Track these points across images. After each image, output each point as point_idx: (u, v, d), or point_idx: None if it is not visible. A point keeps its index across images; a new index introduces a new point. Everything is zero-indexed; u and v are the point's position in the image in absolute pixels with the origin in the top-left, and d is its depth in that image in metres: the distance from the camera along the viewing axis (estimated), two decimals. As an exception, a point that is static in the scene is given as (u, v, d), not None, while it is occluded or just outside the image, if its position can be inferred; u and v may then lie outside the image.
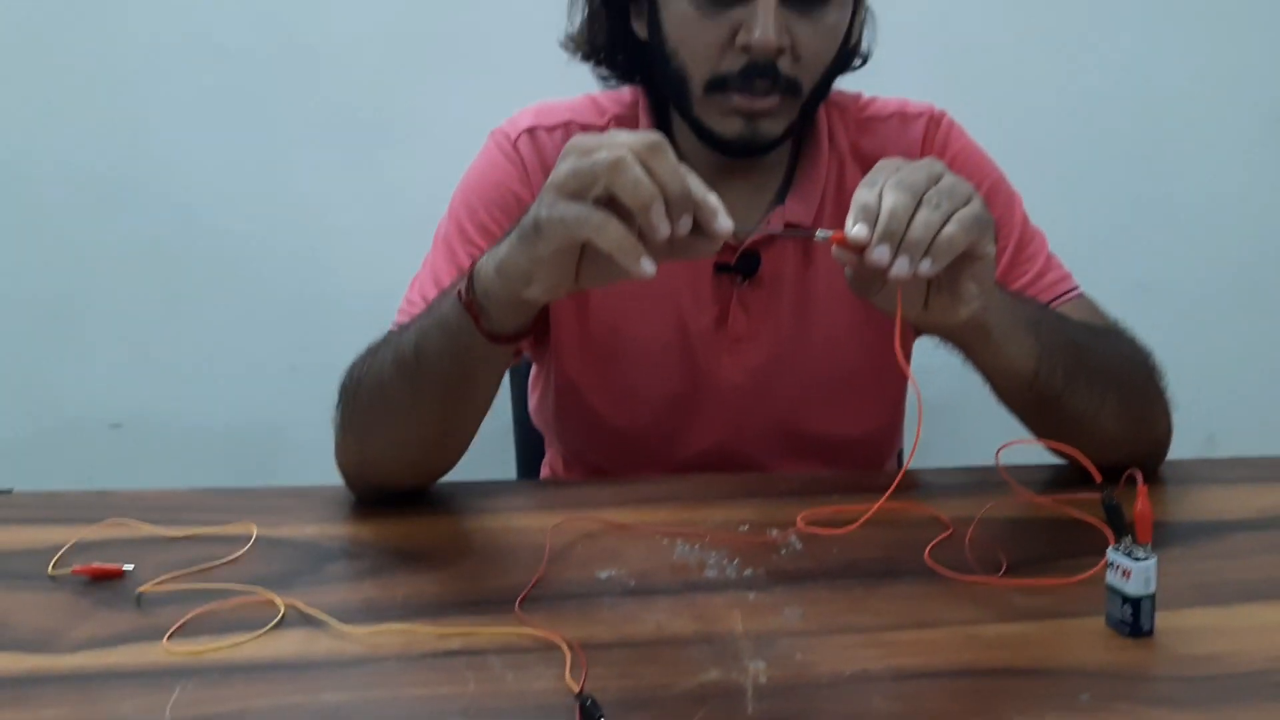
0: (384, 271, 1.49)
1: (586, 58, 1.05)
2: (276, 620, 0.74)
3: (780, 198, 1.01)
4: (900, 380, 1.09)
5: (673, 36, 0.93)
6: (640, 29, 0.98)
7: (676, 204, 0.68)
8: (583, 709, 0.62)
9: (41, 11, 1.67)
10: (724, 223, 0.70)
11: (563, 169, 0.70)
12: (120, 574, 0.81)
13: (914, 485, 0.95)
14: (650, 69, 0.99)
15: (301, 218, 1.74)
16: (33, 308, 1.75)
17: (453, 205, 1.03)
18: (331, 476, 0.95)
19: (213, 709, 0.65)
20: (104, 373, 1.77)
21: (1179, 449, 0.98)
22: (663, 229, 0.68)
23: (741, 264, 0.99)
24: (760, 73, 0.90)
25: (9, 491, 0.98)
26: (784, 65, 0.91)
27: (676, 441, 1.04)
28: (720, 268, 1.00)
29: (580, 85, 1.09)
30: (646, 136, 0.68)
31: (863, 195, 0.72)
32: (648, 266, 0.68)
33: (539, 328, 1.04)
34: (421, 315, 0.88)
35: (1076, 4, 1.70)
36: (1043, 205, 1.10)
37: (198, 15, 1.68)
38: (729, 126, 0.93)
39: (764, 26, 0.88)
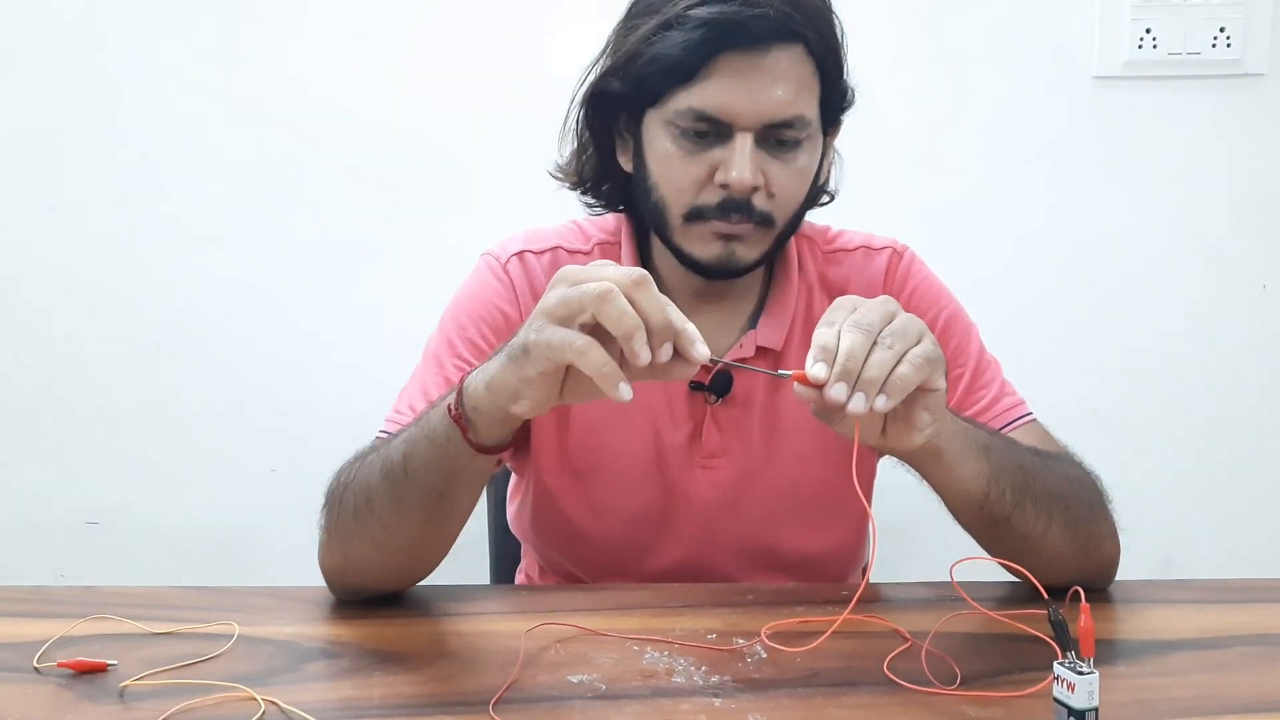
0: (365, 381, 1.55)
1: (574, 187, 1.12)
2: (257, 718, 0.76)
3: (753, 322, 1.07)
4: (863, 509, 1.14)
5: (655, 171, 1.00)
6: (625, 162, 1.05)
7: (658, 333, 0.74)
8: (553, 808, 0.65)
9: (37, 116, 1.73)
10: (701, 350, 0.76)
11: (552, 297, 0.76)
12: (104, 669, 0.83)
13: (875, 599, 0.99)
14: (633, 198, 1.06)
15: (286, 326, 1.78)
16: (12, 403, 1.78)
17: (443, 321, 1.09)
18: (309, 577, 0.98)
19: (193, 803, 0.67)
20: (82, 470, 1.78)
21: (1136, 570, 1.03)
22: (644, 356, 0.74)
23: (715, 384, 1.05)
24: (736, 208, 0.97)
25: (-8, 585, 1.00)
26: (758, 201, 0.98)
27: (649, 553, 1.08)
28: (695, 386, 1.05)
29: (566, 211, 1.16)
30: (632, 271, 0.75)
31: (822, 335, 0.78)
32: (625, 391, 0.74)
33: (520, 439, 1.09)
34: (410, 426, 0.93)
35: (1037, 150, 1.80)
36: (999, 335, 1.17)
37: (193, 126, 1.75)
38: (708, 250, 1.00)
39: (740, 168, 0.95)
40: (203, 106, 1.74)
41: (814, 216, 1.13)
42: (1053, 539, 0.94)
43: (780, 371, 0.81)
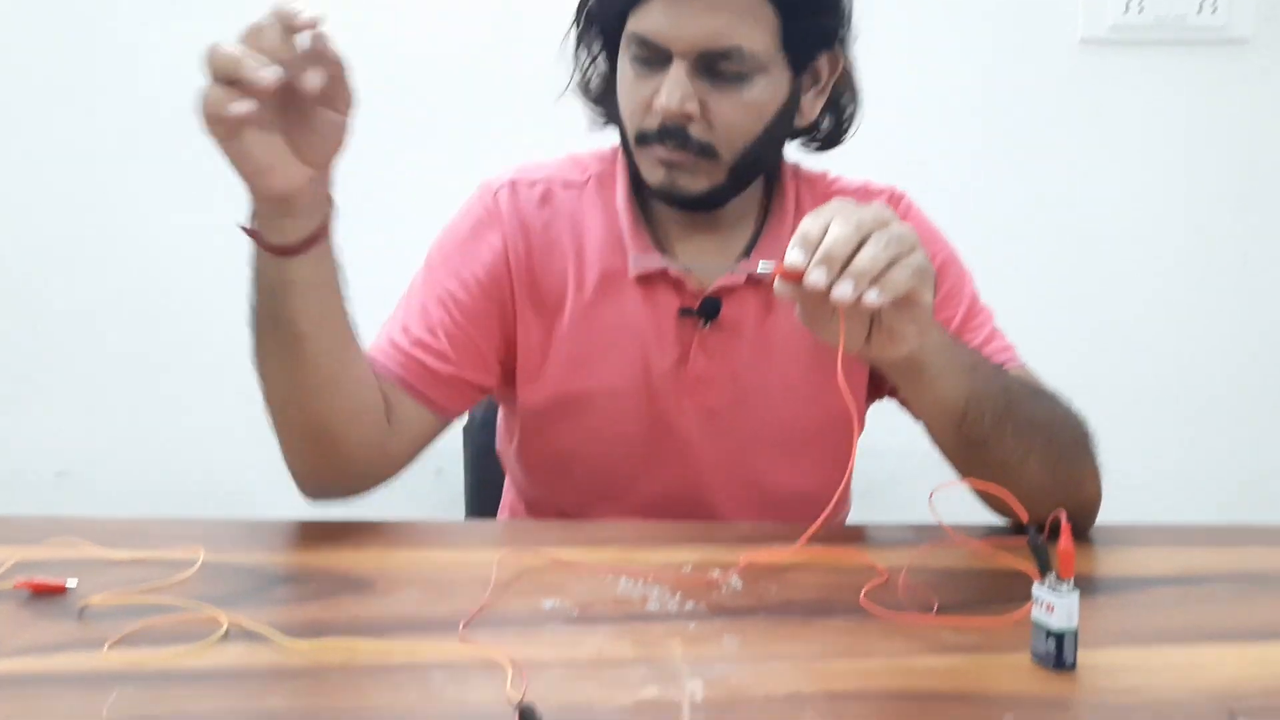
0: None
1: (583, 95, 1.11)
2: (219, 635, 0.74)
3: (748, 252, 1.06)
4: (849, 443, 1.13)
5: (619, 93, 1.02)
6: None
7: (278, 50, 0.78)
8: (522, 715, 0.64)
9: (15, 67, 1.71)
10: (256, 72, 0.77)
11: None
12: (63, 589, 0.81)
13: (856, 538, 0.98)
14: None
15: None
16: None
17: (431, 249, 1.10)
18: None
19: (150, 711, 0.65)
20: (51, 420, 1.76)
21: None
22: (263, 76, 0.77)
23: (704, 308, 1.03)
24: (670, 134, 0.98)
25: (-48, 515, 0.97)
26: (695, 131, 0.97)
27: (635, 482, 1.07)
28: (684, 311, 1.04)
29: (559, 151, 1.15)
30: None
31: (806, 225, 0.77)
32: (239, 107, 0.77)
33: (506, 368, 1.08)
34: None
35: (1021, 114, 1.80)
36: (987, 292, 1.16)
37: (175, 81, 1.72)
38: (653, 175, 1.01)
39: (668, 94, 0.96)
40: (183, 62, 1.71)
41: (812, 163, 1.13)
42: (1031, 470, 0.92)
43: (760, 263, 0.79)
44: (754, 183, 1.06)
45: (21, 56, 1.71)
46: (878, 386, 1.13)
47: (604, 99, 1.09)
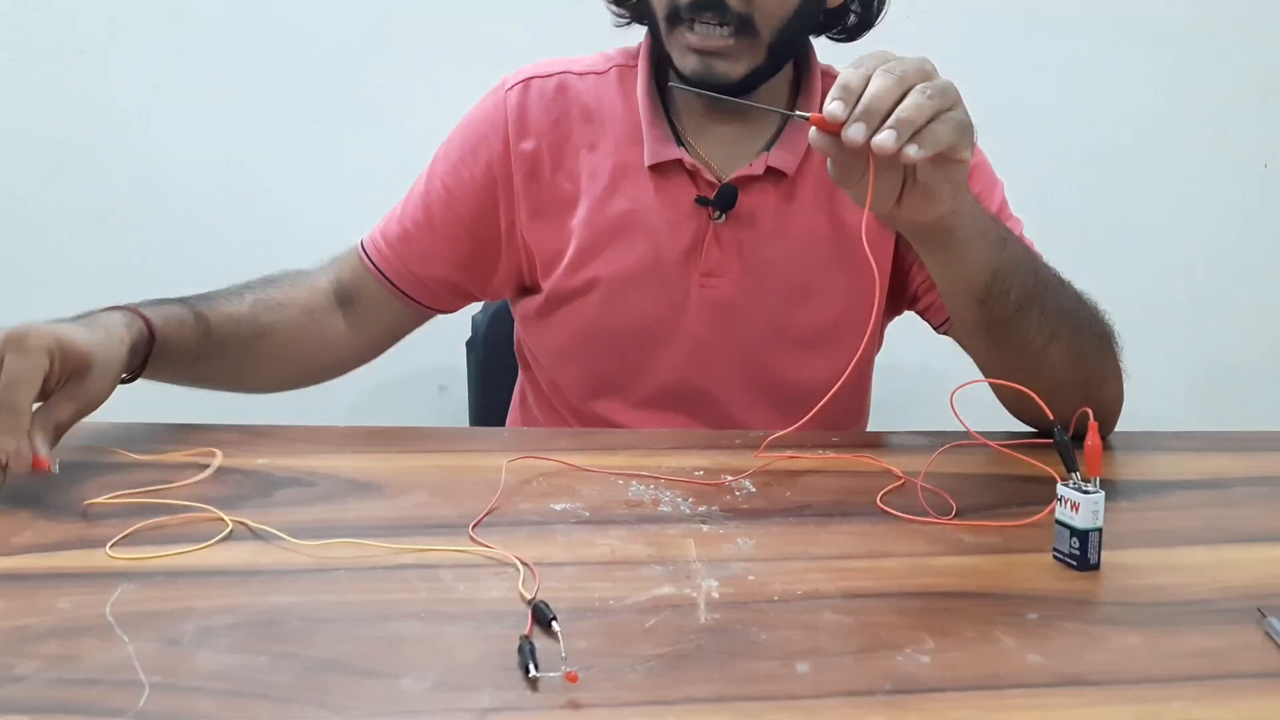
0: (341, 250, 1.49)
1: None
2: (224, 534, 0.73)
3: (768, 146, 1.02)
4: (869, 341, 1.10)
5: None
6: None
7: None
8: (535, 611, 0.62)
9: (29, 52, 1.66)
10: (41, 453, 0.78)
11: None
12: (46, 466, 0.78)
13: (869, 442, 0.96)
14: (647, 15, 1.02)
15: (260, 193, 1.72)
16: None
17: (444, 143, 1.09)
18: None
19: (155, 607, 0.63)
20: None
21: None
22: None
23: (720, 198, 1.00)
24: (707, 5, 0.93)
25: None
26: (733, 2, 0.93)
27: (643, 372, 1.05)
28: (699, 201, 1.01)
29: (549, 57, 1.11)
30: None
31: (847, 75, 0.72)
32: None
33: (518, 280, 1.09)
34: None
35: (1035, 11, 1.75)
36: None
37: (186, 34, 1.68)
38: (686, 63, 0.96)
39: None
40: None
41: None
42: (1053, 359, 0.90)
43: (796, 113, 0.76)
44: (781, 73, 1.02)
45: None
46: (896, 302, 1.10)
47: None
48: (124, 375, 0.90)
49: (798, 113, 0.76)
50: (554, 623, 0.61)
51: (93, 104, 1.69)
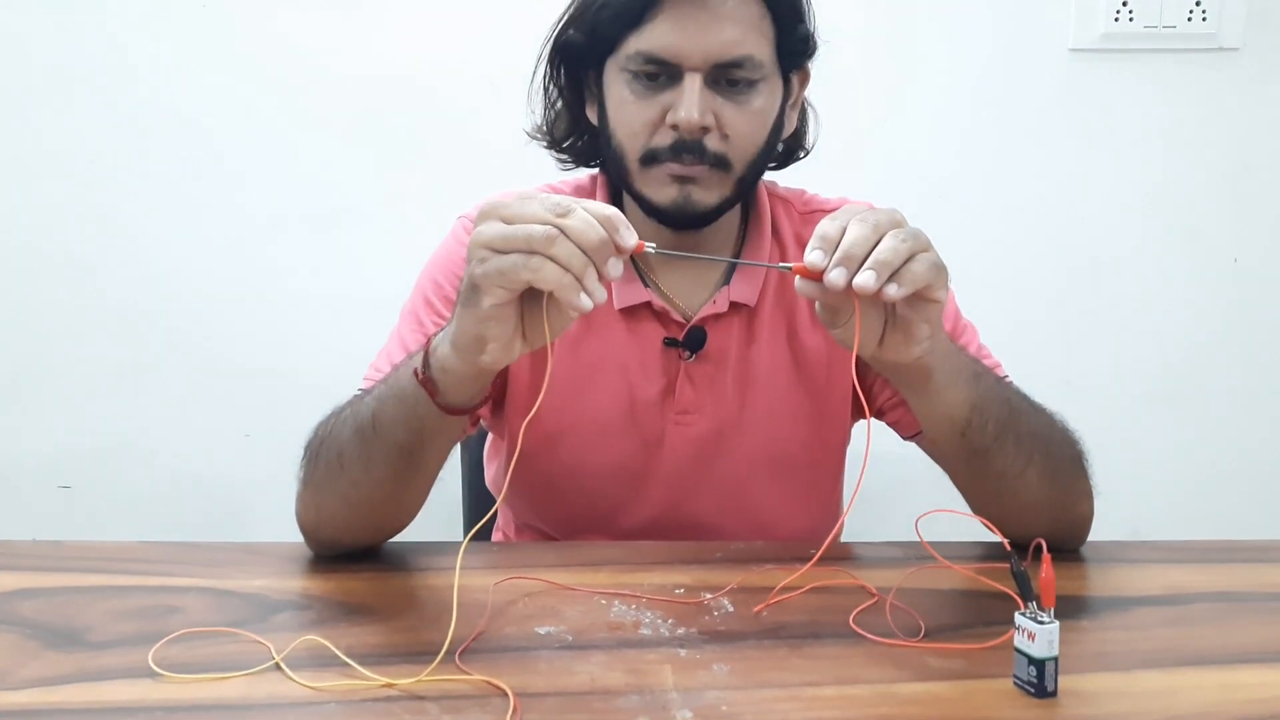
0: (341, 344, 1.54)
1: (549, 145, 1.12)
2: (223, 663, 0.76)
3: (727, 279, 1.07)
4: (837, 469, 1.14)
5: (613, 118, 1.01)
6: (593, 116, 1.06)
7: (600, 251, 0.75)
8: (516, 749, 0.65)
9: (15, 79, 1.72)
10: (628, 236, 0.76)
11: (491, 231, 0.76)
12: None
13: (845, 556, 1.00)
14: (603, 153, 1.06)
15: (261, 289, 1.78)
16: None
17: (418, 282, 1.09)
18: (285, 539, 0.98)
19: (156, 745, 0.67)
20: (55, 433, 1.77)
21: (1105, 538, 1.04)
22: (599, 294, 0.75)
23: (689, 340, 1.05)
24: (687, 149, 0.98)
25: (-42, 540, 0.99)
26: (711, 143, 0.98)
27: (624, 510, 1.08)
28: (669, 343, 1.05)
29: (542, 174, 1.16)
30: (558, 203, 0.75)
31: (824, 226, 0.78)
32: (586, 301, 0.75)
33: (496, 401, 1.09)
34: (380, 385, 0.93)
35: (1012, 123, 1.81)
36: (971, 305, 1.17)
37: (170, 91, 1.73)
38: (664, 194, 1.00)
39: (689, 107, 0.96)
40: (180, 67, 1.73)
41: (788, 181, 1.14)
42: (1029, 482, 0.94)
43: (781, 265, 0.82)
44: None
45: (19, 62, 1.72)
46: (860, 408, 1.14)
47: (570, 140, 1.10)
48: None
49: (781, 264, 0.82)
50: (534, 761, 0.64)
51: (98, 209, 1.75)
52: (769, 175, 1.11)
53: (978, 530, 1.00)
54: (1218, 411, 1.87)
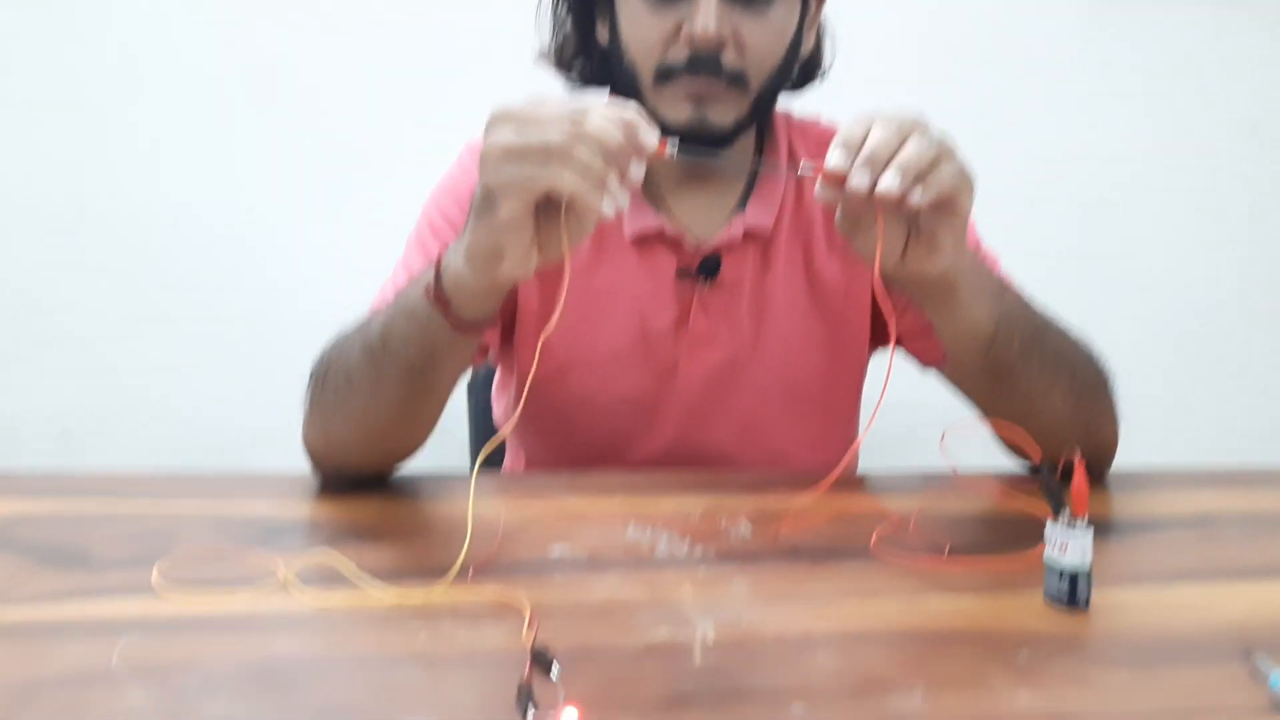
0: (346, 287, 1.51)
1: (558, 68, 1.09)
2: (230, 582, 0.74)
3: (742, 205, 1.04)
4: (853, 400, 1.12)
5: (625, 33, 0.98)
6: (603, 34, 1.02)
7: (621, 155, 0.71)
8: (534, 656, 0.63)
9: (13, 21, 1.69)
10: (649, 135, 0.72)
11: (504, 137, 0.72)
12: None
13: (862, 483, 0.98)
14: (613, 76, 1.03)
15: (263, 232, 1.76)
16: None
17: (424, 210, 1.06)
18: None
19: (160, 657, 0.64)
20: (55, 378, 1.75)
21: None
22: (621, 199, 0.71)
23: (703, 268, 1.02)
24: (704, 65, 0.94)
25: (-44, 470, 0.97)
26: (727, 58, 0.95)
27: (636, 442, 1.06)
28: (682, 272, 1.02)
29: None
30: (575, 105, 0.71)
31: (846, 129, 0.75)
32: (608, 205, 0.71)
33: (505, 329, 1.06)
34: (389, 306, 0.90)
35: (1032, 64, 1.78)
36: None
37: (171, 33, 1.71)
38: (679, 113, 0.97)
39: (704, 19, 0.92)
40: (178, 12, 1.69)
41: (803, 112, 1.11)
42: (1054, 402, 0.91)
43: (801, 163, 0.78)
44: (749, 129, 1.04)
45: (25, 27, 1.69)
46: (877, 338, 1.11)
47: (580, 62, 1.07)
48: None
49: (802, 163, 0.78)
50: (553, 667, 0.62)
51: (100, 149, 1.72)
52: (784, 102, 1.08)
53: (1002, 461, 0.98)
54: (1234, 355, 1.85)
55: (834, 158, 0.74)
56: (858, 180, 0.73)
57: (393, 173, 1.69)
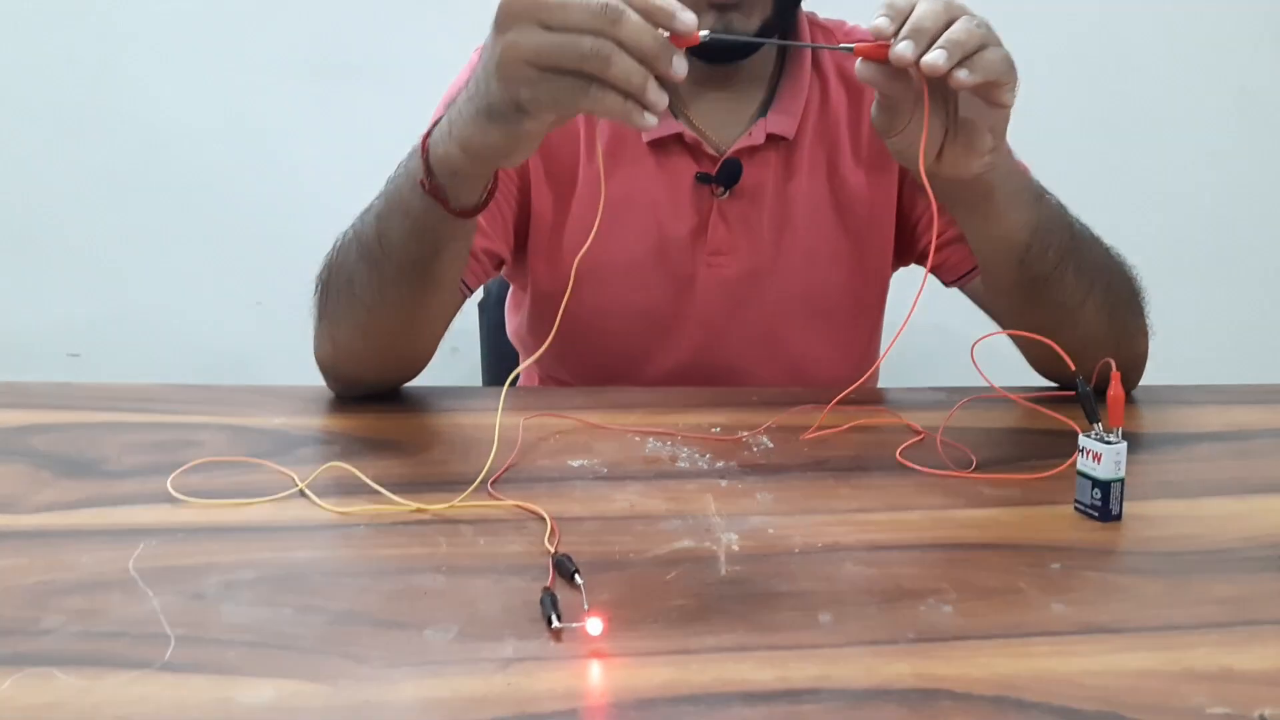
0: (351, 210, 1.48)
1: None
2: (247, 491, 0.73)
3: (764, 110, 1.01)
4: (876, 315, 1.10)
5: None
6: None
7: (658, 57, 0.66)
8: (556, 564, 0.62)
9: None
10: (686, 18, 0.66)
11: (531, 41, 0.66)
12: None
13: (887, 399, 0.96)
14: None
15: (269, 154, 1.73)
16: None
17: (436, 112, 1.02)
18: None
19: (177, 562, 0.64)
20: (63, 302, 1.74)
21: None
22: (661, 102, 0.66)
23: (723, 174, 0.99)
24: None
25: (-33, 383, 0.96)
26: None
27: (653, 356, 1.04)
28: (701, 178, 0.99)
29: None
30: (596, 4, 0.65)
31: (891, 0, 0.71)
32: (650, 120, 0.66)
33: (517, 246, 1.04)
34: (378, 201, 0.86)
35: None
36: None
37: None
38: (702, 23, 0.93)
39: None
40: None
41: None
42: (1088, 315, 0.89)
43: (841, 45, 0.74)
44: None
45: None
46: (900, 258, 1.09)
47: None
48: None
49: (842, 45, 0.74)
50: (576, 575, 0.61)
51: (102, 69, 1.69)
52: (807, 5, 1.05)
53: (1028, 377, 0.96)
54: (1267, 277, 1.82)
55: (879, 22, 0.70)
56: (902, 49, 0.69)
57: (400, 84, 1.66)
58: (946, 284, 1.07)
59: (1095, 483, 0.70)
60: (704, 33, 0.68)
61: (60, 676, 0.52)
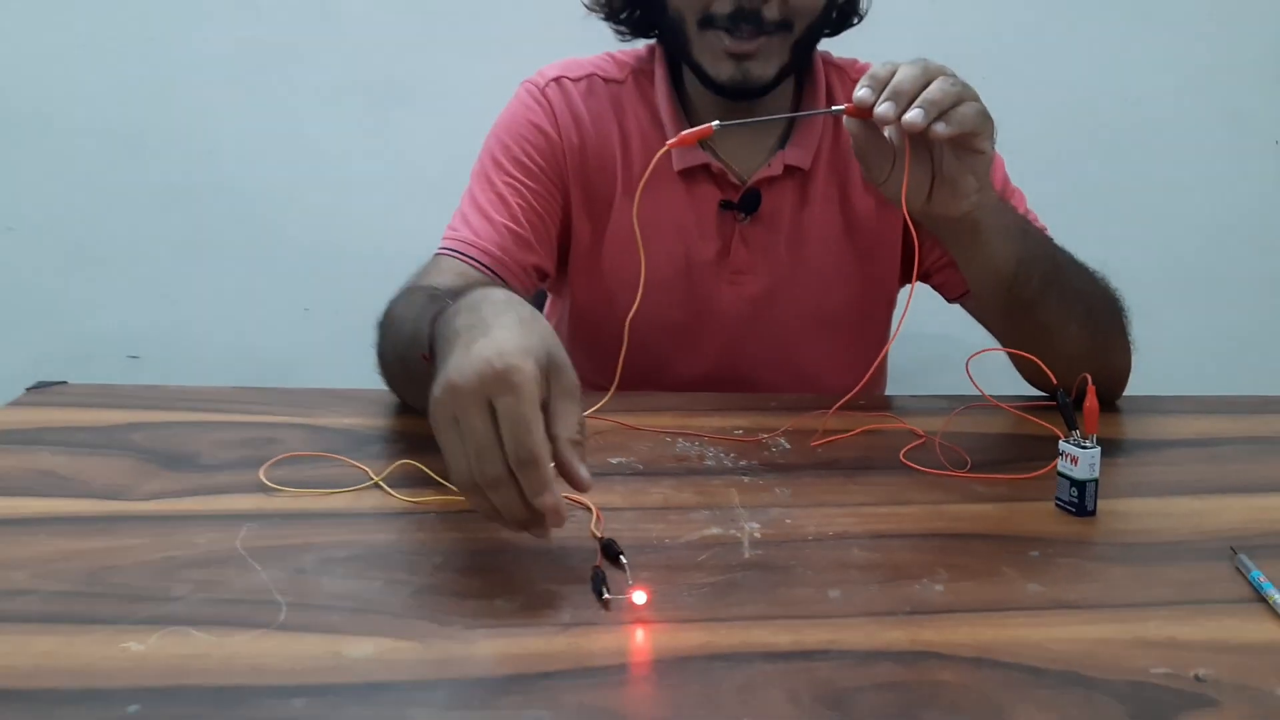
0: (395, 223, 1.60)
1: (607, 17, 1.15)
2: (338, 482, 0.83)
3: (782, 143, 1.11)
4: (883, 330, 1.20)
5: None
6: None
7: (536, 526, 0.68)
8: (604, 547, 0.72)
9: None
10: (583, 475, 0.69)
11: (452, 444, 0.67)
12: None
13: (893, 405, 1.06)
14: (661, 26, 1.09)
15: (319, 170, 1.82)
16: (57, 242, 1.84)
17: (487, 144, 1.13)
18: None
19: (278, 543, 0.74)
20: (125, 306, 1.85)
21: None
22: (556, 523, 0.67)
23: (744, 202, 1.09)
24: (745, 18, 1.00)
25: (63, 383, 1.06)
26: (770, 11, 1.01)
27: (676, 365, 1.14)
28: (725, 205, 1.10)
29: (598, 43, 1.19)
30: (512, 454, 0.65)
31: (874, 69, 0.82)
32: (548, 535, 0.70)
33: (560, 257, 1.14)
34: (410, 321, 0.87)
35: (1060, 6, 1.81)
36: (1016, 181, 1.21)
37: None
38: (722, 70, 1.03)
39: None
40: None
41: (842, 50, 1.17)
42: (1071, 335, 0.98)
43: (834, 109, 0.86)
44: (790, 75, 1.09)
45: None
46: (906, 270, 1.18)
47: (628, 11, 1.13)
48: None
49: (834, 107, 0.85)
50: (621, 556, 0.71)
51: (161, 90, 1.79)
52: (822, 45, 1.14)
53: (1020, 387, 1.06)
54: (1255, 296, 1.90)
55: (860, 93, 0.81)
56: (883, 110, 0.80)
57: (443, 108, 1.76)
58: (949, 300, 1.17)
59: (1073, 482, 0.80)
60: (715, 124, 0.81)
61: (195, 634, 0.62)
